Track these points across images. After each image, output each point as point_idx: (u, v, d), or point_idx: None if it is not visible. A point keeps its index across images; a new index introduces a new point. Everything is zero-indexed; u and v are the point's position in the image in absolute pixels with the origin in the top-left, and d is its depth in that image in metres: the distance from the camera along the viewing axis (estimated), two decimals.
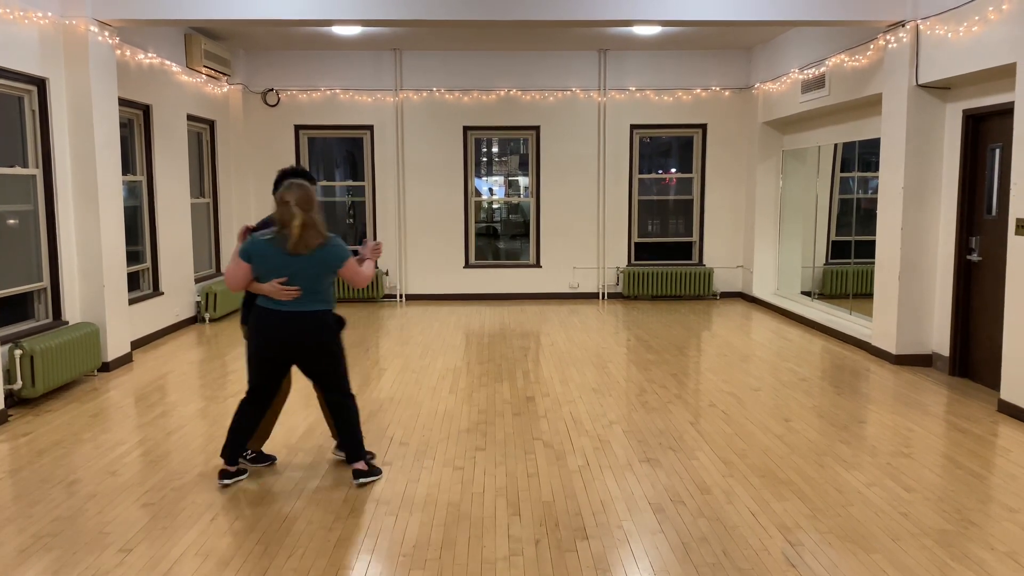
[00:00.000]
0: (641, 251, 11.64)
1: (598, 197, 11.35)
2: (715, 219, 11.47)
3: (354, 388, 6.41)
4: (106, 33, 6.99)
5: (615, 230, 11.42)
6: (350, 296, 11.16)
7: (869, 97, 7.80)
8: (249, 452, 4.70)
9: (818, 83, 8.76)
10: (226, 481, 4.37)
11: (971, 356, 6.65)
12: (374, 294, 11.19)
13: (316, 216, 4.21)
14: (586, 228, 11.40)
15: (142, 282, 8.54)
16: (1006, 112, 6.03)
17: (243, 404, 4.36)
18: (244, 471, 4.50)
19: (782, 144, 10.74)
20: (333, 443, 4.87)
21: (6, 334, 6.06)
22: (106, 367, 7.03)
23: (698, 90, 11.20)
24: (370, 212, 11.30)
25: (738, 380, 6.68)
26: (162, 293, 8.68)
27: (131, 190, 8.26)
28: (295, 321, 4.22)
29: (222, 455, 4.40)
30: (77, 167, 6.83)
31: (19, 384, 5.85)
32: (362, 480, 4.37)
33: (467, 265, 11.46)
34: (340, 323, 4.38)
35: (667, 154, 12.01)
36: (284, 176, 4.44)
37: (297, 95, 11.05)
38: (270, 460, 4.71)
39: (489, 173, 12.26)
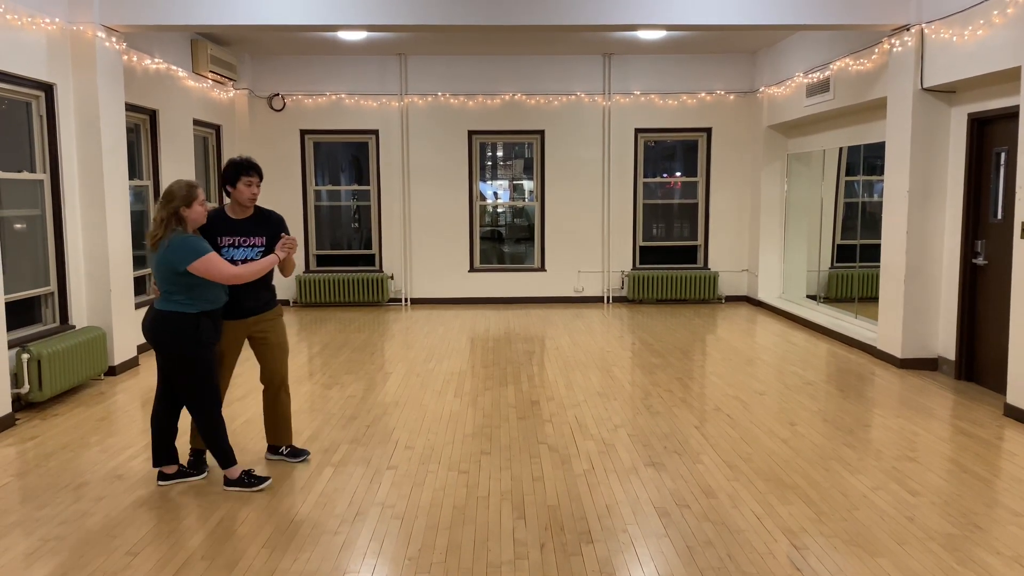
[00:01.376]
0: (646, 255, 11.64)
1: (603, 201, 11.36)
2: (720, 223, 11.47)
3: (359, 391, 6.43)
4: (113, 39, 7.03)
5: (620, 234, 11.42)
6: (355, 300, 11.18)
7: (874, 101, 7.80)
8: (284, 448, 4.76)
9: (823, 87, 8.76)
10: (160, 483, 4.43)
11: (977, 360, 6.63)
12: (379, 298, 11.21)
13: (176, 212, 4.09)
14: (591, 232, 11.40)
15: (149, 286, 8.56)
16: (1011, 115, 6.03)
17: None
18: (188, 473, 4.49)
19: (787, 148, 10.74)
20: (286, 447, 4.83)
21: (14, 338, 6.08)
22: (113, 371, 7.06)
23: (703, 94, 11.21)
24: (375, 216, 11.32)
25: (743, 384, 6.67)
26: None
27: (138, 195, 8.29)
28: (148, 316, 4.24)
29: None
30: (84, 172, 6.86)
31: (26, 388, 5.87)
32: (226, 488, 4.37)
33: (472, 269, 11.47)
34: (190, 330, 4.12)
35: (672, 158, 12.02)
36: (229, 164, 4.45)
37: (303, 100, 11.09)
38: (303, 455, 4.78)
39: (494, 177, 12.28)
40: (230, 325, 4.45)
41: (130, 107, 7.81)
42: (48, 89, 6.53)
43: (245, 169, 4.38)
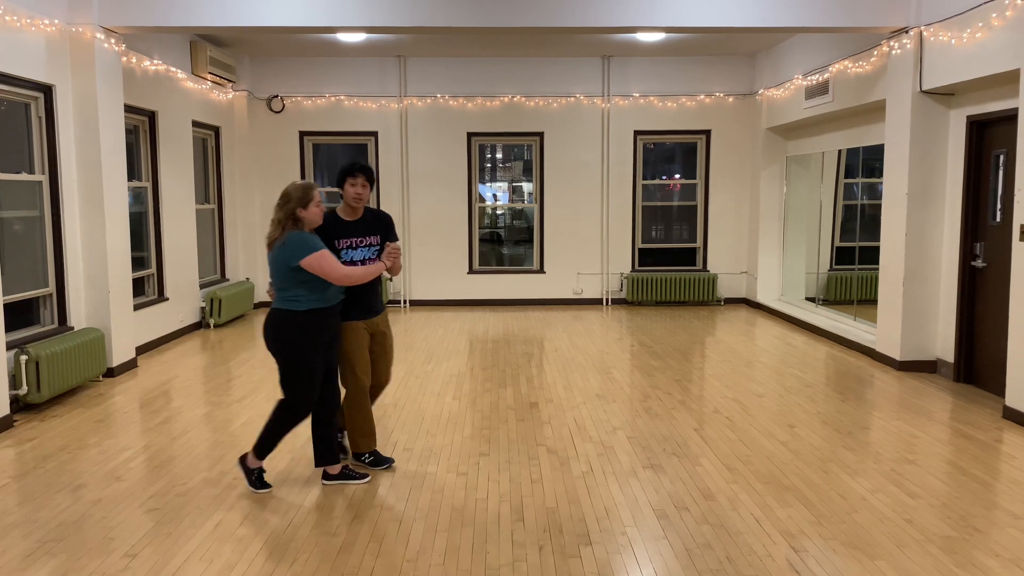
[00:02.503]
0: (645, 257, 11.64)
1: (602, 203, 11.36)
2: (719, 225, 11.47)
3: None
4: (112, 40, 7.03)
5: (619, 236, 11.43)
6: None
7: (873, 103, 7.80)
8: (367, 456, 4.69)
9: (822, 89, 8.77)
10: (324, 482, 4.45)
11: (976, 362, 6.64)
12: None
13: (292, 213, 4.13)
14: (590, 234, 11.41)
15: (147, 288, 8.56)
16: (1010, 118, 6.03)
17: None
18: (353, 475, 4.47)
19: (786, 150, 10.75)
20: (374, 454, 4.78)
21: (12, 339, 6.07)
22: (111, 372, 7.05)
23: (702, 96, 11.22)
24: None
25: (742, 386, 6.67)
26: (167, 299, 8.71)
27: (136, 196, 8.29)
28: (266, 316, 4.29)
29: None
30: (83, 173, 6.86)
31: (24, 389, 5.87)
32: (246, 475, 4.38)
33: (471, 271, 11.47)
34: (299, 329, 4.15)
35: (671, 160, 12.02)
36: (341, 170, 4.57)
37: (302, 101, 11.09)
38: (388, 462, 4.71)
39: (493, 179, 12.28)
40: (359, 326, 4.48)
41: (129, 108, 7.81)
42: (47, 90, 6.53)
43: (350, 170, 4.48)
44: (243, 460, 4.40)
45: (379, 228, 4.57)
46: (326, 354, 4.31)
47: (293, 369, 4.22)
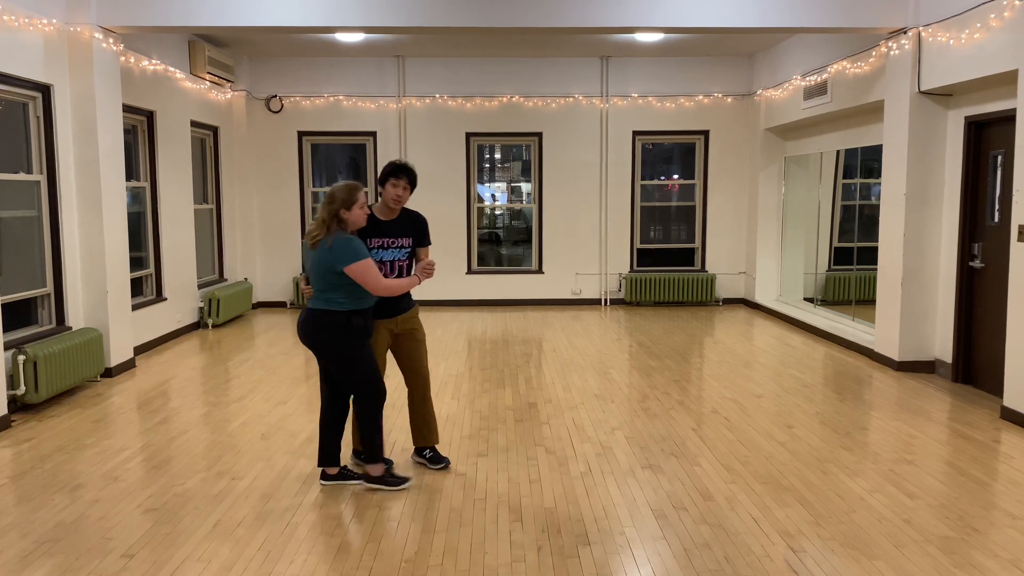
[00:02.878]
0: (643, 257, 11.64)
1: (600, 203, 11.36)
2: (717, 225, 11.48)
3: None
4: (110, 40, 7.02)
5: (617, 236, 11.43)
6: None
7: (871, 104, 7.81)
8: (428, 450, 4.73)
9: (820, 90, 8.78)
10: (323, 482, 4.46)
11: (974, 363, 6.64)
12: None
13: (336, 214, 4.14)
14: (589, 234, 11.41)
15: (145, 288, 8.56)
16: (1008, 119, 6.04)
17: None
18: (351, 475, 4.49)
19: (784, 150, 10.75)
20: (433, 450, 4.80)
21: (10, 339, 6.07)
22: (109, 373, 7.04)
23: (700, 96, 11.22)
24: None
25: (740, 386, 6.67)
26: (165, 299, 8.70)
27: (135, 196, 8.29)
28: (305, 316, 4.28)
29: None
30: (81, 173, 6.85)
31: (22, 389, 5.86)
32: (368, 484, 4.40)
33: (469, 271, 11.47)
34: (346, 327, 4.18)
35: (669, 160, 12.03)
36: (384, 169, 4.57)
37: (300, 101, 11.08)
38: (443, 462, 4.72)
39: (492, 179, 12.27)
40: (382, 323, 4.50)
41: (127, 108, 7.80)
42: (45, 90, 6.52)
43: (394, 171, 4.47)
44: (368, 479, 4.40)
45: (413, 231, 4.57)
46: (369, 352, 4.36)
47: (350, 365, 4.27)
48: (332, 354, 4.26)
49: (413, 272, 4.45)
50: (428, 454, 4.76)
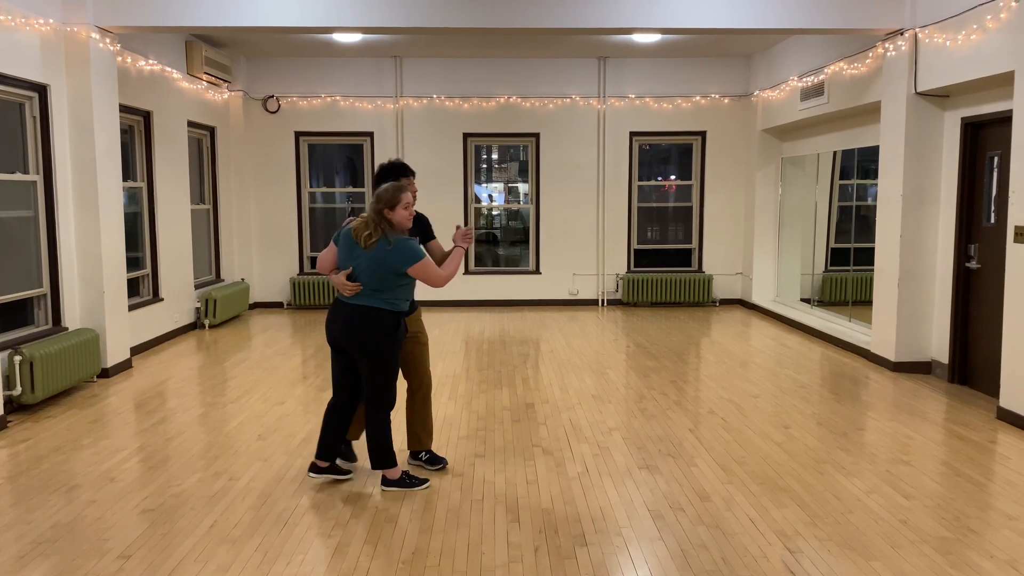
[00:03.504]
0: (640, 258, 11.65)
1: (598, 204, 11.37)
2: (714, 226, 11.49)
3: None
4: (107, 40, 7.01)
5: (614, 237, 11.43)
6: None
7: (868, 105, 7.82)
8: (424, 453, 4.74)
9: (817, 91, 8.79)
10: (312, 474, 4.48)
11: (970, 363, 6.65)
12: None
13: (380, 213, 4.16)
14: (586, 235, 11.41)
15: (142, 288, 8.54)
16: (1004, 120, 6.05)
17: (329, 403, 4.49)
18: (339, 471, 4.51)
19: (781, 151, 10.77)
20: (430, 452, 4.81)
21: (6, 340, 6.06)
22: (105, 373, 7.03)
23: (697, 97, 11.23)
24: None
25: (737, 387, 6.68)
26: (162, 299, 8.69)
27: (131, 196, 8.27)
28: (344, 313, 4.25)
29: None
30: (78, 173, 6.84)
31: (19, 390, 5.85)
32: (385, 488, 4.39)
33: (467, 271, 11.46)
34: (394, 328, 4.22)
35: (666, 161, 12.04)
36: (382, 170, 4.58)
37: (297, 102, 11.07)
38: (441, 463, 4.73)
39: (489, 180, 12.28)
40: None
41: (124, 108, 7.80)
42: (42, 90, 6.51)
43: (405, 172, 4.56)
44: (387, 482, 4.39)
45: (418, 229, 4.64)
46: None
47: (387, 364, 4.28)
48: (375, 352, 4.23)
49: (454, 243, 4.45)
50: (425, 456, 4.76)
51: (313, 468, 4.49)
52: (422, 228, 4.70)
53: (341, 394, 4.42)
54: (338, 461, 4.64)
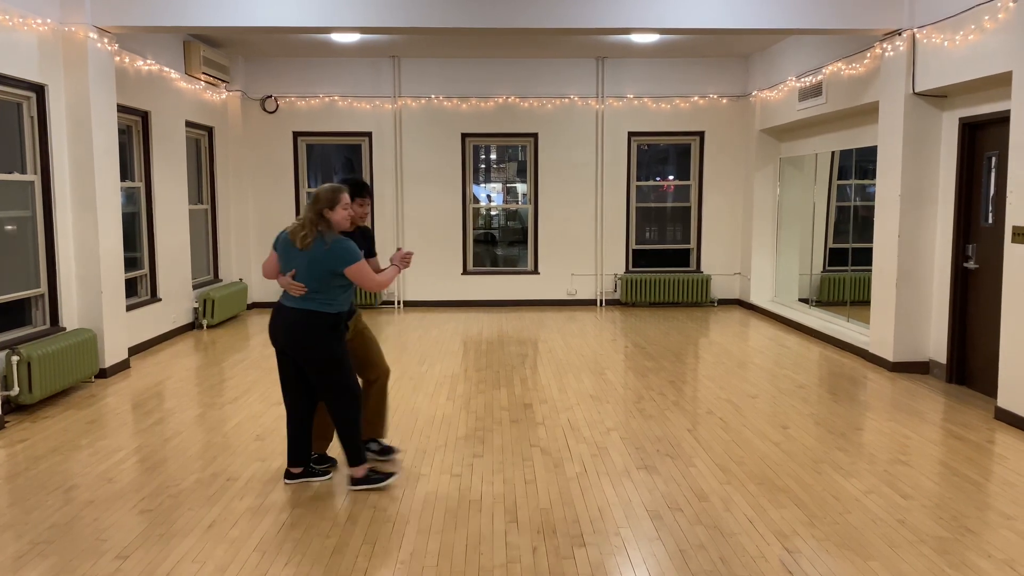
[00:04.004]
0: (639, 258, 11.65)
1: (596, 204, 11.37)
2: (713, 226, 11.49)
3: None
4: (105, 40, 7.01)
5: (613, 237, 11.44)
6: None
7: (866, 105, 7.83)
8: (375, 443, 4.81)
9: (815, 91, 8.80)
10: (287, 481, 4.50)
11: (968, 363, 6.66)
12: (372, 300, 11.20)
13: (320, 213, 4.18)
14: (584, 235, 11.41)
15: (140, 288, 8.53)
16: (1002, 120, 6.06)
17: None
18: (314, 472, 4.54)
19: (779, 151, 10.77)
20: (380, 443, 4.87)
21: (4, 340, 6.05)
22: (103, 373, 7.02)
23: (696, 98, 11.24)
24: (368, 218, 11.28)
25: (736, 387, 6.68)
26: (160, 299, 8.68)
27: (129, 196, 8.26)
28: (284, 316, 4.27)
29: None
30: (75, 173, 6.83)
31: (16, 390, 5.84)
32: (353, 487, 4.38)
33: (465, 272, 11.46)
34: (333, 327, 4.24)
35: (665, 161, 12.04)
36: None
37: (296, 102, 11.07)
38: (391, 453, 4.80)
39: (487, 180, 12.28)
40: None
41: (122, 108, 7.79)
42: (39, 90, 6.50)
43: (359, 190, 4.63)
44: (354, 481, 4.38)
45: (364, 243, 4.73)
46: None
47: (338, 362, 4.28)
48: (320, 356, 4.23)
49: (391, 263, 4.49)
50: (375, 447, 4.81)
51: (287, 475, 4.51)
52: (369, 243, 4.81)
53: (293, 397, 4.41)
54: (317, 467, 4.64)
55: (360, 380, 4.65)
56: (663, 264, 11.67)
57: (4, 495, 4.35)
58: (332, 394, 4.30)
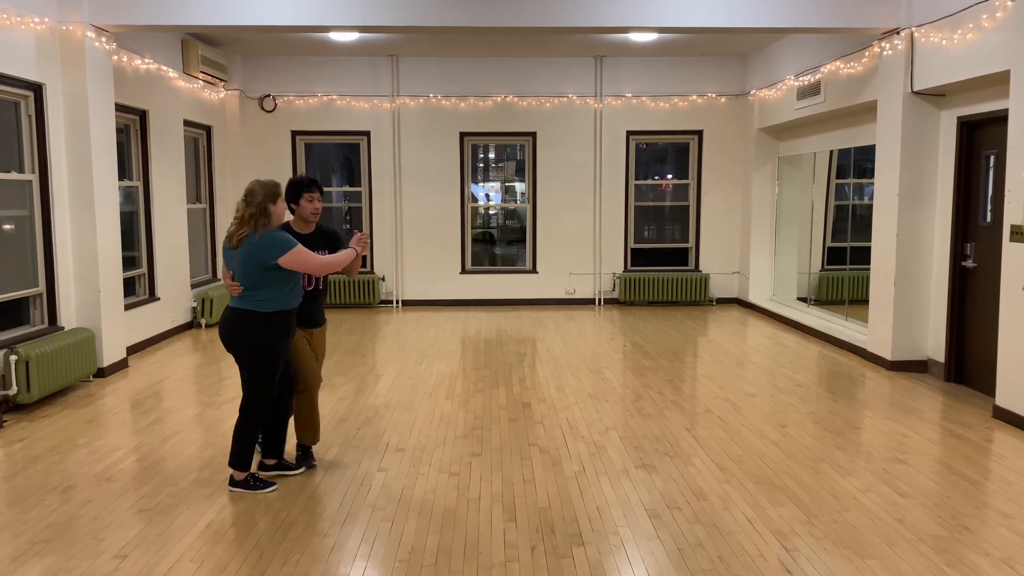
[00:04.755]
0: (637, 257, 11.65)
1: (594, 203, 11.37)
2: (711, 225, 11.49)
3: (349, 393, 6.42)
4: (103, 39, 7.00)
5: (611, 236, 11.43)
6: (347, 302, 11.16)
7: (864, 104, 7.83)
8: (298, 449, 4.78)
9: (813, 90, 8.80)
10: (261, 473, 4.51)
11: (966, 362, 6.66)
12: (370, 300, 11.19)
13: (263, 208, 4.13)
14: (582, 234, 11.41)
15: (138, 288, 8.53)
16: (1000, 119, 6.06)
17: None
18: (288, 465, 4.58)
19: (778, 150, 10.77)
20: (305, 450, 4.80)
21: (2, 339, 6.04)
22: (101, 373, 7.02)
23: (694, 96, 11.24)
24: (367, 218, 11.30)
25: (734, 386, 6.68)
26: (158, 299, 8.67)
27: (127, 195, 8.26)
28: (225, 316, 4.26)
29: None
30: (73, 172, 6.82)
31: (14, 389, 5.83)
32: (232, 488, 4.36)
33: (464, 271, 11.46)
34: (265, 328, 4.15)
35: (663, 160, 12.04)
36: (290, 183, 4.64)
37: (294, 101, 11.06)
38: (304, 466, 4.69)
39: (486, 179, 12.27)
40: (306, 332, 4.65)
41: (120, 107, 7.77)
42: (37, 89, 6.49)
43: (307, 185, 4.61)
44: (233, 482, 4.37)
45: (328, 242, 4.69)
46: (286, 354, 4.36)
47: (262, 370, 4.24)
48: (251, 354, 4.21)
49: (349, 245, 4.45)
50: (298, 452, 4.76)
51: (261, 467, 4.54)
52: (333, 240, 4.70)
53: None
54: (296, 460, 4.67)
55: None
56: (662, 263, 11.67)
57: (2, 495, 4.34)
58: (248, 388, 4.27)
